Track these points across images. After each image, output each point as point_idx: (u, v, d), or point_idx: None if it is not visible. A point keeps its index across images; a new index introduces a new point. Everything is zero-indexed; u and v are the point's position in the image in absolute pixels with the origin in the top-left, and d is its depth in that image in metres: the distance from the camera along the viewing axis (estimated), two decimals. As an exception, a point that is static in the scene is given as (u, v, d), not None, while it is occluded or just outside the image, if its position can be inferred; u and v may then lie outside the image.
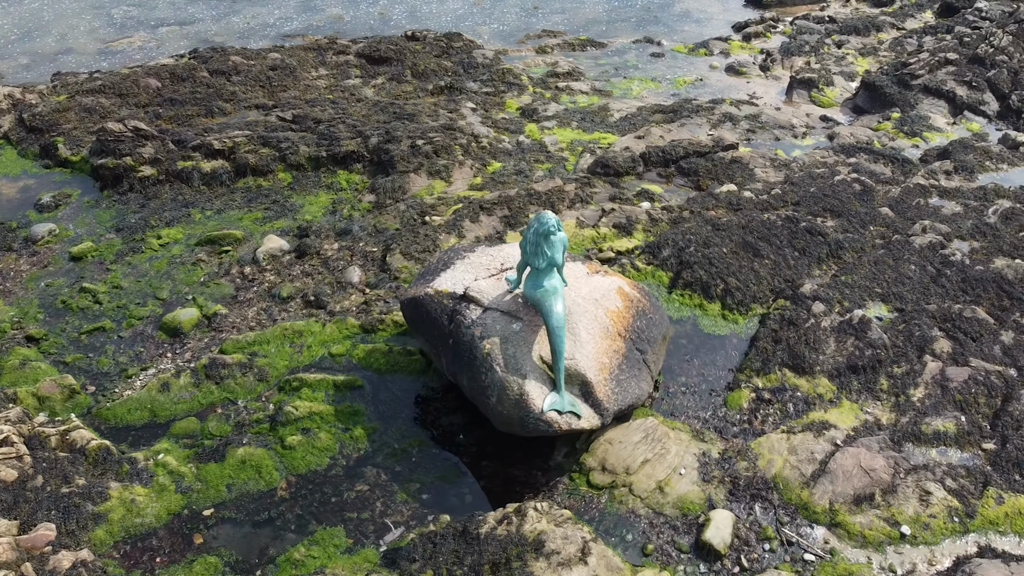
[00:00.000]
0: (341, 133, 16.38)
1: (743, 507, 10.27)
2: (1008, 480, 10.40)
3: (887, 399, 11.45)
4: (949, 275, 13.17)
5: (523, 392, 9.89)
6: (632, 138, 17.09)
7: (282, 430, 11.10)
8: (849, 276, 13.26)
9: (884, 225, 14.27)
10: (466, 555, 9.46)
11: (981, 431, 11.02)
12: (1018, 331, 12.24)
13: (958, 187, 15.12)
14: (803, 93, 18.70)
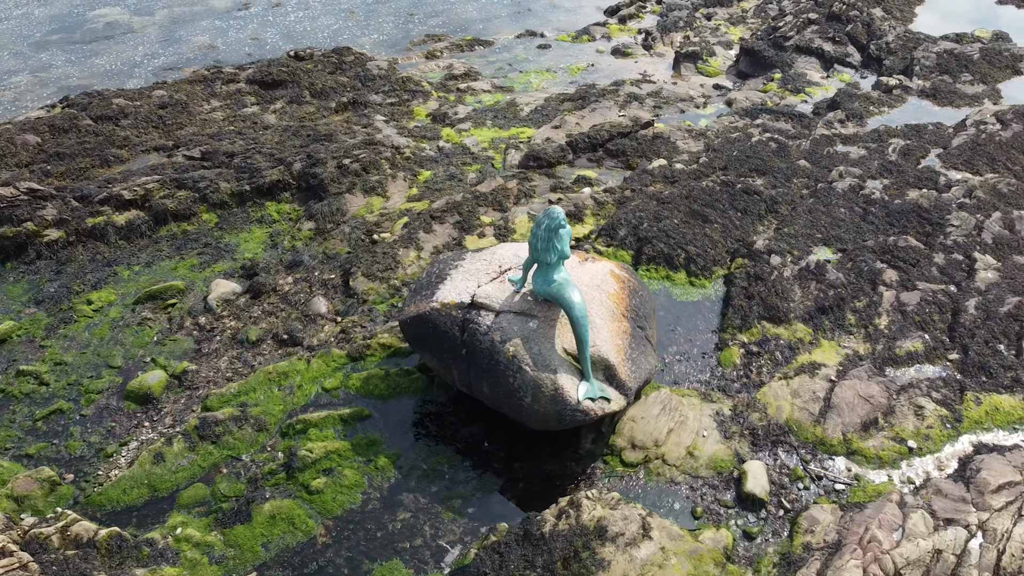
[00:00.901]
0: (260, 163, 15.64)
1: (768, 454, 10.89)
2: (978, 383, 11.62)
3: (858, 332, 12.45)
4: (874, 212, 14.45)
5: (557, 387, 9.98)
6: (549, 128, 17.43)
7: (302, 475, 10.59)
8: (790, 227, 14.24)
9: (805, 176, 15.42)
10: (535, 557, 9.46)
11: (944, 344, 12.24)
12: (946, 251, 13.63)
13: (855, 133, 16.59)
14: (689, 66, 19.78)
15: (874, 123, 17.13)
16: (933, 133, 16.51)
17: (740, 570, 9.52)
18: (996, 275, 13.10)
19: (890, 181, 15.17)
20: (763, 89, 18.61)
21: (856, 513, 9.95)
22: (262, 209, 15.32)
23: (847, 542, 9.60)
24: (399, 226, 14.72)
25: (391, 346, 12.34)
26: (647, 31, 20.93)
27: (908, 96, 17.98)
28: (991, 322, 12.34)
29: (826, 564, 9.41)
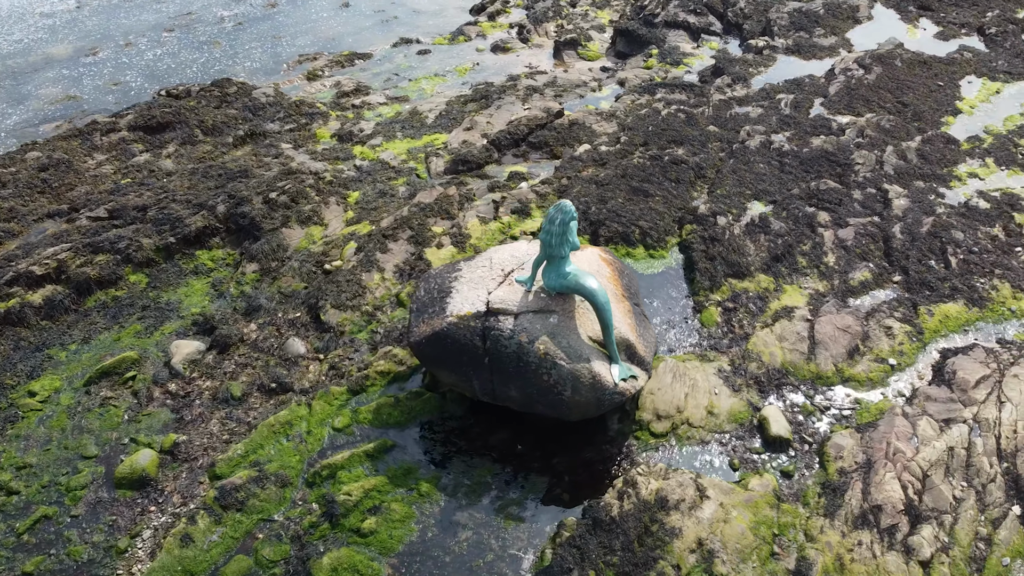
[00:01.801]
0: (178, 212, 14.57)
1: (776, 397, 11.67)
2: (924, 297, 13.00)
3: (812, 272, 13.53)
4: (789, 162, 15.69)
5: (594, 375, 10.20)
6: (462, 131, 17.46)
7: (347, 521, 10.16)
8: (721, 188, 15.18)
9: (718, 140, 16.45)
10: (611, 541, 9.67)
11: (886, 269, 13.57)
12: (860, 188, 15.07)
13: (746, 94, 17.88)
14: (571, 53, 20.41)
15: (757, 83, 18.52)
16: (811, 85, 18.12)
17: (792, 507, 10.19)
18: (907, 201, 14.66)
19: (792, 133, 16.50)
20: (646, 66, 19.58)
21: (872, 432, 10.91)
22: (194, 260, 14.32)
23: (875, 459, 10.52)
24: (348, 251, 14.28)
25: (390, 372, 12.03)
26: (520, 24, 21.37)
27: (776, 55, 19.58)
28: (917, 243, 13.82)
29: (866, 482, 10.27)
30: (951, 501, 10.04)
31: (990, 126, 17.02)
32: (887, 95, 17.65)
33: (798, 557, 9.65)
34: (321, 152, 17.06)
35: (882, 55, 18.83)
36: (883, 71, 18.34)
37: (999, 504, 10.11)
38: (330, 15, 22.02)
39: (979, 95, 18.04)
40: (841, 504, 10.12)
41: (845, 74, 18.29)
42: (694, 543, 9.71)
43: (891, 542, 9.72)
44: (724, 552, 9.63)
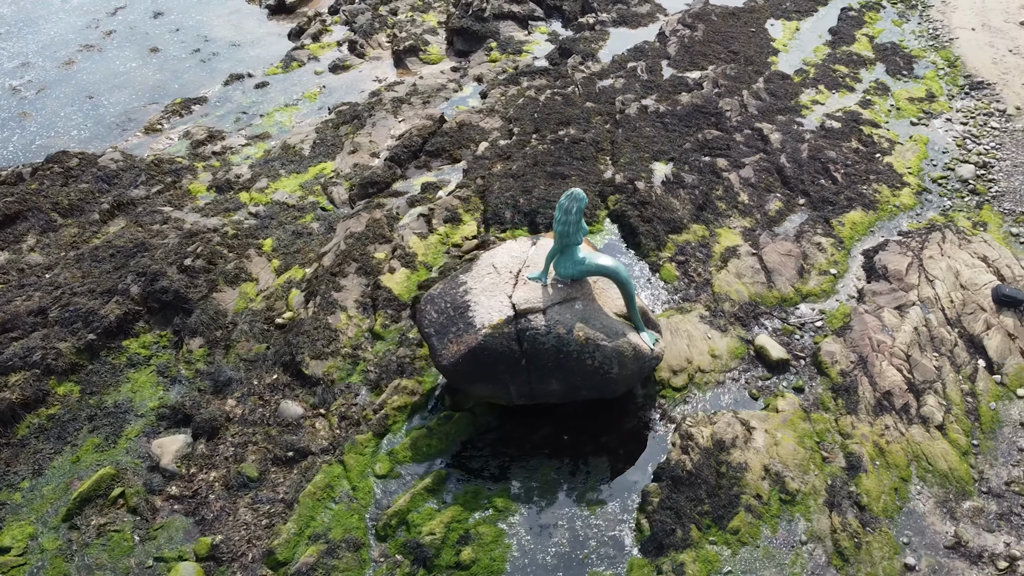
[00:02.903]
0: (87, 305, 12.83)
1: (758, 327, 12.81)
2: (830, 211, 14.79)
3: (734, 212, 14.87)
4: (669, 121, 16.98)
5: (634, 346, 10.66)
6: (347, 155, 16.93)
7: (441, 559, 9.84)
8: (623, 157, 16.12)
9: (598, 114, 17.38)
10: (698, 492, 10.26)
11: (789, 195, 15.24)
12: (737, 130, 16.69)
13: (601, 69, 18.98)
14: (413, 59, 20.32)
15: (605, 56, 19.69)
16: (652, 50, 19.62)
17: (819, 415, 11.36)
18: (779, 134, 16.49)
19: (658, 95, 17.84)
20: (491, 59, 20.04)
21: (850, 333, 12.39)
22: (123, 352, 12.77)
23: (866, 355, 11.99)
24: (294, 300, 13.48)
25: (406, 405, 11.66)
26: (350, 40, 20.80)
27: (607, 28, 20.89)
28: (804, 167, 15.65)
29: (869, 375, 11.69)
30: (934, 371, 11.72)
31: (806, 58, 19.51)
32: (718, 47, 19.58)
33: (844, 454, 10.82)
34: (206, 207, 15.75)
35: (699, 13, 20.81)
36: (706, 27, 20.28)
37: (968, 362, 11.96)
38: (140, 64, 20.08)
39: (784, 35, 20.55)
40: (857, 399, 11.45)
41: (675, 35, 20.01)
42: (761, 471, 10.55)
43: (909, 418, 11.19)
44: (788, 470, 10.56)
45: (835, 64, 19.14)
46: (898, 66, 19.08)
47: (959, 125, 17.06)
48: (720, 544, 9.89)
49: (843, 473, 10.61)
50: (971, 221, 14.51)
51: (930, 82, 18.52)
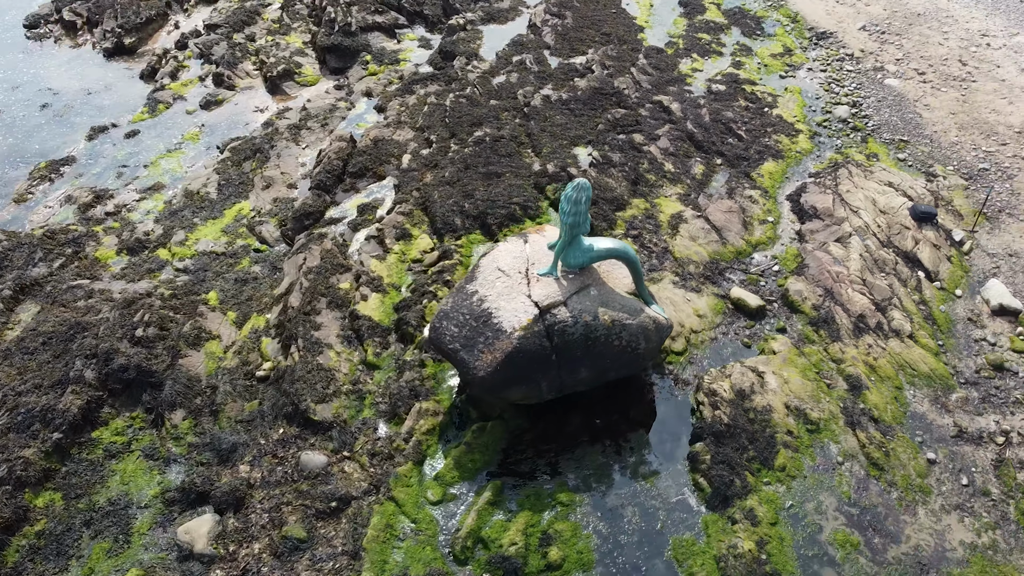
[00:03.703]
0: (40, 403, 11.34)
1: (725, 282, 13.67)
2: (747, 166, 15.97)
3: (664, 181, 15.70)
4: (575, 107, 17.55)
5: (654, 319, 11.13)
6: (261, 191, 16.06)
7: (531, 564, 9.85)
8: (544, 148, 16.50)
9: (504, 110, 17.62)
10: (740, 441, 10.93)
11: (706, 157, 16.29)
12: (640, 105, 17.56)
13: (491, 66, 19.19)
14: (289, 84, 19.42)
15: (487, 54, 19.90)
16: (531, 41, 20.10)
17: (809, 348, 12.39)
18: (677, 104, 17.54)
19: (554, 84, 18.36)
20: (370, 72, 19.62)
21: (809, 271, 13.56)
22: (97, 445, 11.49)
23: (829, 287, 13.18)
24: (268, 349, 12.75)
25: (434, 427, 11.43)
26: (216, 73, 19.43)
27: (479, 27, 21.09)
28: (710, 131, 16.79)
29: (840, 304, 12.88)
30: (888, 288, 13.13)
31: (670, 31, 20.81)
32: (591, 32, 20.41)
33: (843, 378, 11.90)
34: (125, 272, 14.38)
35: (562, 1, 21.54)
36: (574, 14, 21.05)
37: (910, 276, 13.49)
38: None
39: (642, 12, 21.76)
40: (838, 327, 12.60)
41: (547, 25, 20.61)
42: (784, 409, 11.40)
43: (884, 333, 12.49)
44: (804, 403, 11.49)
45: (697, 33, 20.57)
46: (750, 28, 20.83)
47: (820, 72, 18.96)
48: (774, 483, 10.60)
49: (848, 395, 11.68)
50: (863, 154, 16.25)
51: (782, 38, 20.39)
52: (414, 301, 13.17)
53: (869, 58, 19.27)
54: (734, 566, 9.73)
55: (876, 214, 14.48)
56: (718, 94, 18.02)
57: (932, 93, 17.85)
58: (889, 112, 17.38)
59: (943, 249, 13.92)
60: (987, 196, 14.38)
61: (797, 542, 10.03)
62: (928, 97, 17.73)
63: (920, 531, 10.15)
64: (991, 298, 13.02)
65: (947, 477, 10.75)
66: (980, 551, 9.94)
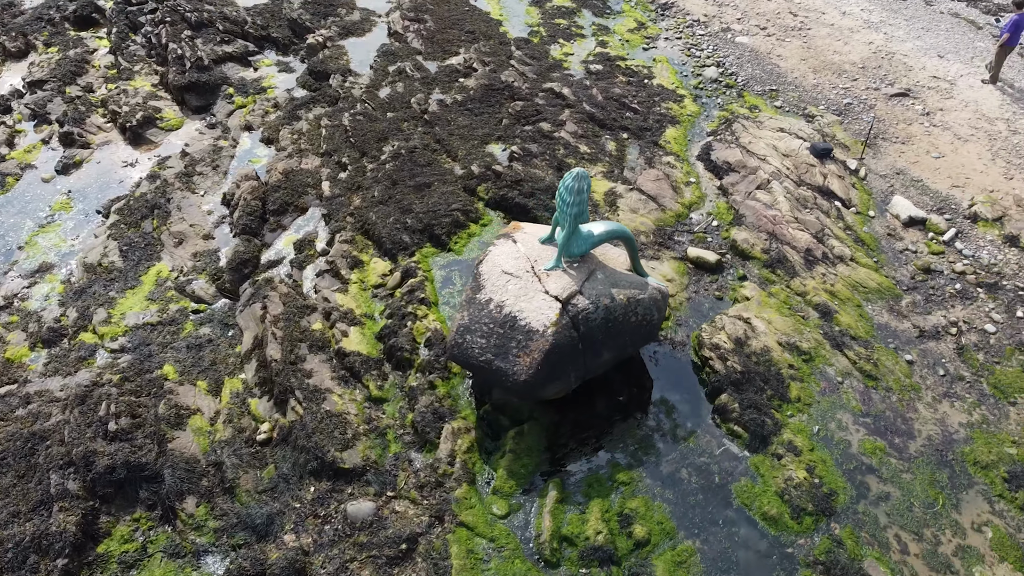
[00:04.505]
0: (26, 531, 9.79)
1: (677, 247, 14.47)
2: (649, 136, 16.89)
3: (584, 162, 16.25)
4: (473, 107, 17.63)
5: (659, 288, 11.64)
6: (174, 249, 14.74)
7: (622, 546, 10.10)
8: (459, 151, 16.48)
9: (406, 120, 17.34)
10: (757, 384, 11.79)
11: (615, 133, 17.03)
12: (533, 96, 17.96)
13: (371, 80, 18.71)
14: (152, 130, 17.69)
15: (360, 68, 19.33)
16: (400, 49, 19.79)
17: (774, 288, 13.48)
18: (568, 88, 18.14)
19: (442, 88, 18.31)
20: (238, 105, 18.44)
21: (749, 220, 14.66)
22: (109, 560, 10.20)
23: (772, 230, 14.36)
24: (258, 409, 11.89)
25: (472, 443, 11.28)
26: (63, 133, 17.24)
27: (339, 42, 20.36)
28: (606, 109, 17.55)
29: (787, 244, 14.08)
30: (818, 222, 14.53)
31: (527, 21, 21.35)
32: (455, 32, 20.48)
33: (812, 307, 13.10)
34: (50, 369, 12.69)
35: (416, 6, 21.38)
36: (431, 15, 20.99)
37: (830, 208, 14.99)
38: None
39: (492, 7, 22.12)
40: (791, 264, 13.79)
41: (410, 31, 20.41)
42: (778, 347, 12.38)
43: (831, 261, 13.85)
44: (792, 337, 12.54)
45: (554, 20, 21.28)
46: (599, 7, 21.87)
47: (677, 40, 20.33)
48: (796, 414, 11.53)
49: (822, 322, 12.88)
50: (745, 108, 17.72)
51: (631, 13, 21.61)
52: (397, 326, 12.79)
53: (714, 21, 20.92)
54: (796, 495, 10.52)
55: (781, 158, 15.90)
56: (598, 73, 18.83)
57: (779, 45, 19.76)
58: (751, 67, 19.04)
59: (846, 179, 15.59)
60: (870, 126, 16.26)
61: (836, 460, 11.00)
62: (778, 48, 19.61)
63: (926, 423, 11.49)
64: (899, 213, 14.80)
65: (927, 372, 12.21)
66: (976, 427, 11.43)
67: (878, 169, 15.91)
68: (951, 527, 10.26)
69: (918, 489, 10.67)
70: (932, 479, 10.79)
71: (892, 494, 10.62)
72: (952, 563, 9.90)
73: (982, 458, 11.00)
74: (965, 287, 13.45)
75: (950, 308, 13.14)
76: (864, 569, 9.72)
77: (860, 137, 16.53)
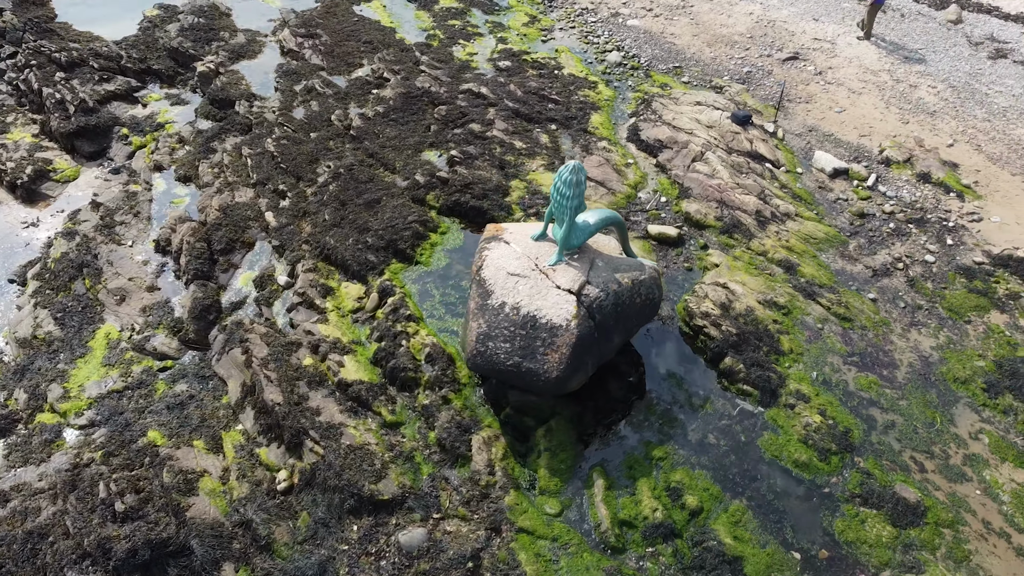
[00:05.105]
0: None
1: (636, 224, 14.93)
2: (576, 125, 17.28)
3: (523, 158, 16.39)
4: (397, 116, 17.32)
5: (653, 267, 12.00)
6: (118, 307, 13.57)
7: (681, 519, 10.42)
8: (396, 162, 16.18)
9: (329, 139, 16.77)
10: (752, 342, 12.44)
11: (544, 126, 17.26)
12: (454, 99, 17.87)
13: (280, 102, 17.90)
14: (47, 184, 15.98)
15: (265, 91, 18.42)
16: (302, 67, 19.05)
17: (737, 251, 14.23)
18: (486, 88, 18.18)
19: (357, 101, 17.86)
20: (137, 145, 17.06)
21: (694, 191, 15.34)
22: (151, 647, 9.38)
23: (718, 197, 15.11)
24: (272, 458, 11.27)
25: (504, 449, 11.23)
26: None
27: (232, 66, 19.26)
28: (528, 103, 17.75)
29: (738, 208, 14.87)
30: (756, 184, 15.45)
31: (420, 26, 21.17)
32: (353, 43, 19.96)
33: (776, 264, 13.94)
34: (17, 457, 11.38)
35: (306, 21, 20.63)
36: (323, 29, 20.34)
37: (762, 170, 15.95)
38: None
39: (381, 15, 21.74)
40: (746, 227, 14.59)
41: (306, 48, 19.70)
42: (758, 305, 13.11)
43: (779, 219, 14.76)
44: (767, 294, 13.31)
45: (447, 21, 21.23)
46: (487, 5, 22.01)
47: (571, 29, 20.85)
48: (793, 364, 12.28)
49: (788, 275, 13.74)
50: (657, 87, 18.47)
51: (520, 8, 21.91)
52: (392, 347, 12.45)
53: (602, 7, 21.61)
54: (818, 438, 11.23)
55: (707, 130, 16.74)
56: (509, 70, 19.00)
57: (669, 24, 20.70)
58: (650, 48, 19.84)
59: (769, 142, 16.64)
60: (781, 90, 17.39)
61: (841, 400, 11.82)
62: (669, 28, 20.54)
63: (903, 352, 12.56)
64: (824, 166, 15.99)
65: (890, 307, 13.33)
66: (945, 348, 12.63)
67: (792, 129, 17.09)
68: (953, 440, 11.32)
69: (916, 412, 11.68)
70: (925, 401, 11.83)
71: (896, 421, 11.56)
72: (965, 472, 10.93)
73: (959, 374, 12.18)
74: (898, 225, 14.76)
75: (891, 246, 14.38)
76: (897, 492, 10.55)
77: (769, 102, 17.67)
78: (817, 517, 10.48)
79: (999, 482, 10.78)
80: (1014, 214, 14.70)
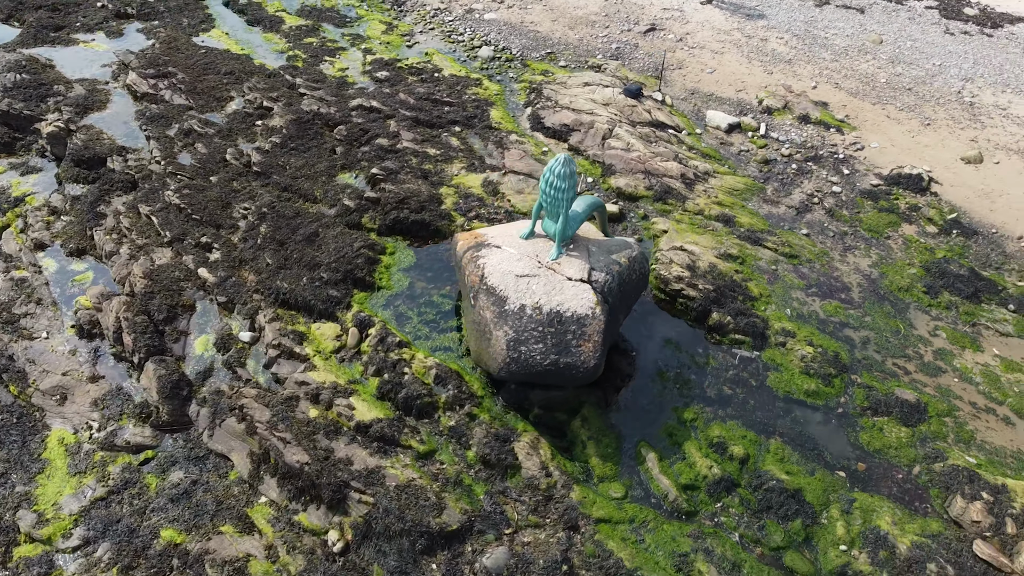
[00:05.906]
0: None
1: (575, 209, 15.28)
2: (478, 123, 17.34)
3: (441, 164, 16.22)
4: (295, 145, 16.46)
5: (633, 242, 12.44)
6: (63, 408, 11.91)
7: (742, 472, 10.99)
8: (315, 191, 15.43)
9: (231, 179, 15.61)
10: (731, 295, 13.29)
11: (449, 129, 17.13)
12: (347, 117, 17.26)
13: (161, 150, 16.30)
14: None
15: (129, 141, 16.63)
16: (168, 111, 17.45)
17: (677, 215, 15.03)
18: (375, 101, 17.70)
19: (245, 136, 16.75)
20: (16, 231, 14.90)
21: (616, 167, 15.95)
22: None
23: (642, 169, 15.83)
24: (314, 522, 10.52)
25: (549, 450, 11.24)
26: None
27: (79, 120, 17.10)
28: (427, 110, 17.54)
29: (664, 176, 15.67)
30: (669, 151, 16.34)
31: (276, 48, 20.10)
32: (214, 77, 18.53)
33: (714, 220, 14.91)
34: None
35: (149, 62, 18.83)
36: (174, 67, 18.72)
37: (668, 136, 16.88)
38: None
39: (227, 43, 20.38)
40: (676, 191, 15.45)
41: (162, 88, 18.06)
42: (719, 260, 13.99)
43: (704, 178, 15.74)
44: (719, 248, 14.24)
45: (302, 40, 20.33)
46: (335, 18, 21.32)
47: (432, 31, 20.74)
48: (767, 307, 13.26)
49: (729, 228, 14.75)
50: (538, 74, 18.88)
51: (371, 16, 21.43)
52: (396, 377, 12.00)
53: (455, 5, 21.65)
54: (817, 367, 12.26)
55: (605, 107, 17.42)
56: (389, 79, 18.60)
57: (525, 13, 21.17)
58: (516, 38, 20.21)
59: (663, 109, 17.61)
60: (663, 61, 18.39)
61: (820, 329, 12.95)
62: (527, 16, 21.01)
63: (851, 274, 13.96)
64: (719, 124, 17.21)
65: (823, 238, 14.72)
66: (880, 264, 14.18)
67: (675, 95, 18.20)
68: (920, 341, 12.81)
69: (881, 324, 13.07)
70: (884, 313, 13.26)
71: (869, 336, 12.87)
72: (939, 366, 12.42)
73: (901, 284, 13.75)
74: (799, 165, 16.27)
75: (801, 184, 15.83)
76: (899, 396, 11.80)
77: (647, 73, 18.66)
78: (843, 435, 11.49)
79: (968, 367, 12.37)
80: (888, 138, 16.69)
